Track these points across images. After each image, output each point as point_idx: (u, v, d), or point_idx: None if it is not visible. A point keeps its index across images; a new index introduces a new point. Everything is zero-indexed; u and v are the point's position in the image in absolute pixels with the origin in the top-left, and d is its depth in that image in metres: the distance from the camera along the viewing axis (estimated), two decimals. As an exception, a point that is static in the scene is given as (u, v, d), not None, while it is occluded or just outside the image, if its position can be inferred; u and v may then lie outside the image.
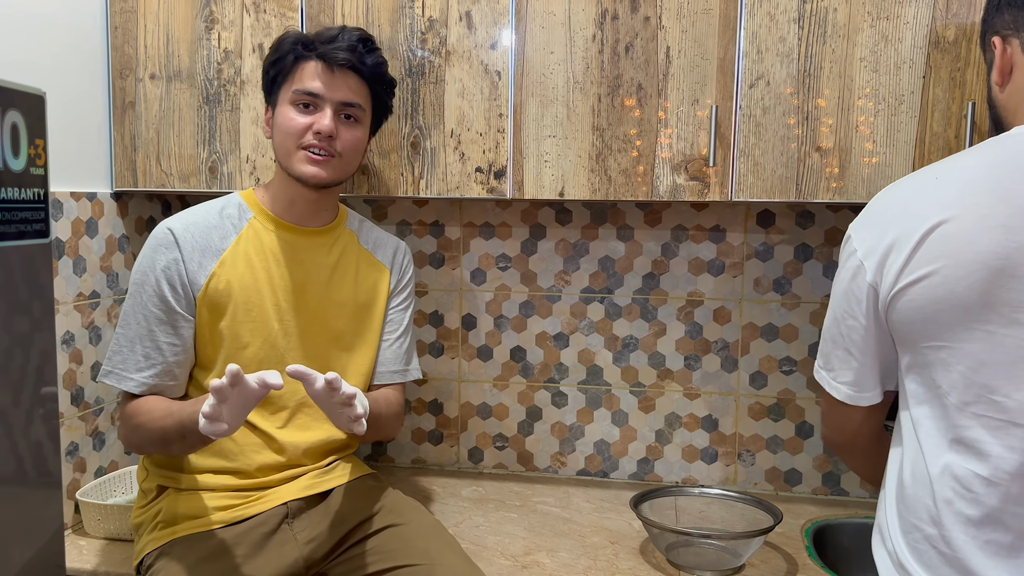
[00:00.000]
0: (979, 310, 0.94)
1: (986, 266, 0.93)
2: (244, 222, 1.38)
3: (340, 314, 1.42)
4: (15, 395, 0.84)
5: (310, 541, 1.31)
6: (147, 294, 1.30)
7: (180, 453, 1.31)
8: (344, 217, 1.49)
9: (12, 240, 0.82)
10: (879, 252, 1.02)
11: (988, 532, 0.95)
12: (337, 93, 1.34)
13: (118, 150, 1.68)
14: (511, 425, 1.92)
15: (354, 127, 1.37)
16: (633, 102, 1.50)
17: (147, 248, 1.33)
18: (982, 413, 0.95)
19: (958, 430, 0.97)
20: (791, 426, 1.80)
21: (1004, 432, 0.94)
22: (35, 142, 0.84)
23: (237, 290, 1.33)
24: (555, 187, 1.53)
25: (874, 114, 1.42)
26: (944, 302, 0.96)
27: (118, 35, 1.66)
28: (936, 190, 0.99)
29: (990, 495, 0.94)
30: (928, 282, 0.97)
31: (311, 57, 1.34)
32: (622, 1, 1.49)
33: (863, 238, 1.05)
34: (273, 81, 1.38)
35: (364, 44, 1.37)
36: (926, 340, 0.99)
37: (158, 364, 1.30)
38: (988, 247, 0.93)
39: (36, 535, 0.87)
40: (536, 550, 1.50)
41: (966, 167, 1.00)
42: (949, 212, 0.96)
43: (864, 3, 1.41)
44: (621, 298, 1.85)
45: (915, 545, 1.01)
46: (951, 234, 0.95)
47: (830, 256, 1.76)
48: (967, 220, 0.94)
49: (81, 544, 1.52)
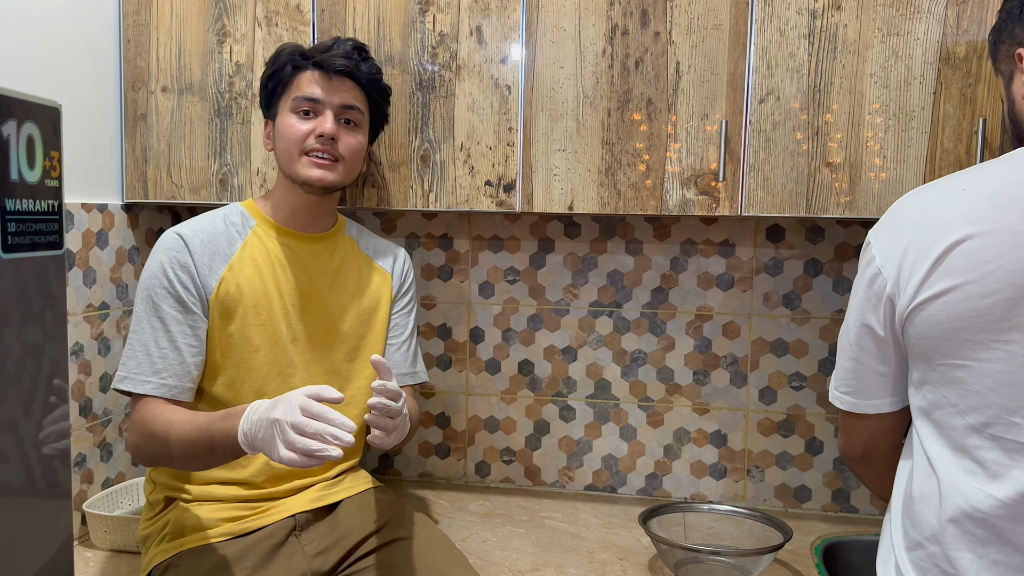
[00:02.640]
0: (1002, 329, 0.92)
1: (1012, 284, 0.90)
2: (248, 229, 1.39)
3: (345, 318, 1.42)
4: (26, 406, 0.84)
5: (318, 554, 1.31)
6: (161, 296, 1.30)
7: (197, 467, 1.27)
8: (343, 224, 1.51)
9: (26, 251, 0.82)
10: (899, 261, 0.99)
11: (995, 552, 0.94)
12: (336, 97, 1.37)
13: (129, 162, 1.69)
14: (519, 439, 1.91)
15: (354, 131, 1.40)
16: (642, 116, 1.50)
17: (157, 253, 1.33)
18: (1000, 435, 0.93)
19: (973, 450, 0.95)
20: (801, 442, 1.79)
21: (1021, 455, 0.92)
22: (50, 154, 0.84)
23: (247, 294, 1.34)
24: (564, 201, 1.53)
25: (884, 130, 1.42)
26: (965, 319, 0.93)
27: (130, 48, 1.67)
28: (963, 202, 0.96)
29: (1002, 516, 0.93)
30: (949, 297, 0.94)
31: (308, 66, 1.37)
32: (632, 17, 1.49)
33: (883, 244, 1.03)
34: (272, 93, 1.41)
35: (359, 52, 1.41)
36: (943, 357, 0.97)
37: (176, 365, 1.29)
38: (1016, 265, 0.90)
39: (46, 546, 0.87)
40: (544, 566, 1.49)
41: (996, 180, 0.96)
42: (976, 227, 0.93)
43: (874, 19, 1.41)
44: (630, 312, 1.84)
45: (918, 562, 1.00)
46: (977, 249, 0.92)
47: (840, 271, 1.75)
48: (995, 236, 0.92)
49: (88, 556, 1.51)
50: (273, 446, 1.05)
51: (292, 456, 1.03)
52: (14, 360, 0.82)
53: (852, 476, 1.77)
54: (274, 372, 1.35)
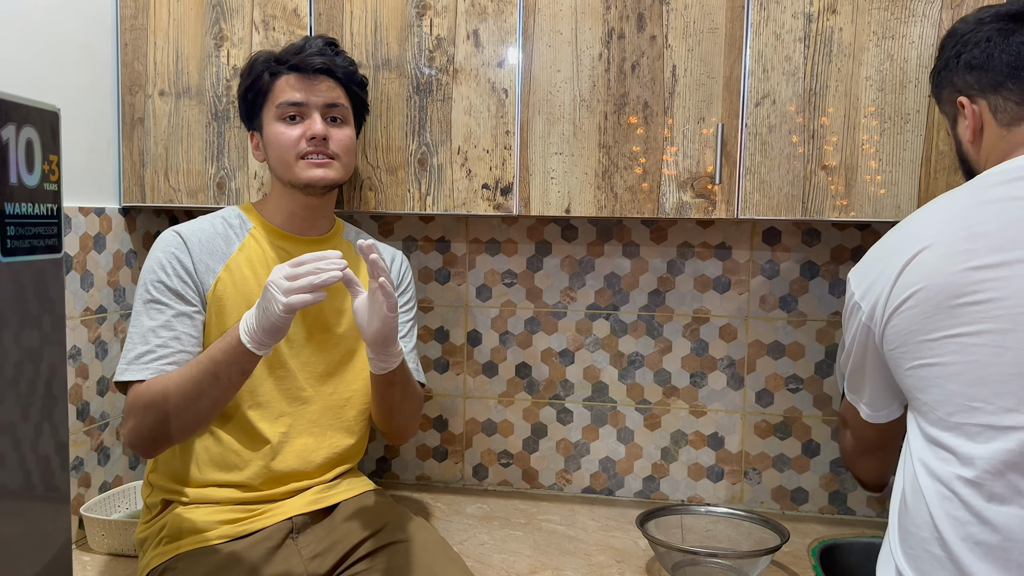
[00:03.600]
0: (950, 325, 1.01)
1: (954, 283, 1.01)
2: (245, 231, 1.40)
3: (340, 321, 1.43)
4: (24, 409, 0.84)
5: (315, 556, 1.31)
6: (160, 290, 1.30)
7: (202, 412, 1.23)
8: (340, 227, 1.51)
9: (24, 255, 0.82)
10: (870, 293, 1.11)
11: (977, 533, 0.99)
12: (319, 97, 1.38)
13: (127, 166, 1.69)
14: (516, 442, 1.91)
15: (343, 127, 1.41)
16: (639, 120, 1.51)
17: (156, 251, 1.34)
18: (963, 421, 1.01)
19: (943, 440, 1.03)
20: (797, 444, 1.80)
21: (984, 437, 0.99)
22: (49, 158, 0.84)
23: (242, 295, 1.34)
24: (561, 204, 1.54)
25: (880, 133, 1.43)
26: (919, 322, 1.04)
27: (128, 52, 1.68)
28: (913, 226, 1.10)
29: (975, 496, 0.99)
30: (907, 306, 1.05)
31: (284, 71, 1.38)
32: (628, 20, 1.50)
33: (859, 281, 1.14)
34: (252, 105, 1.42)
35: (332, 47, 1.42)
36: (909, 361, 1.07)
37: (177, 353, 1.28)
38: (955, 267, 1.01)
39: (44, 550, 0.87)
40: (541, 568, 1.49)
41: (943, 202, 1.10)
42: (925, 242, 1.05)
43: (869, 23, 1.42)
44: (627, 315, 1.85)
45: (908, 551, 1.06)
46: (924, 260, 1.04)
47: (836, 274, 1.76)
48: (938, 247, 1.03)
49: (85, 560, 1.51)
50: (273, 304, 1.12)
51: (296, 298, 1.10)
52: (12, 363, 0.82)
53: (849, 478, 1.78)
54: (267, 374, 1.35)
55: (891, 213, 1.43)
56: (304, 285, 1.11)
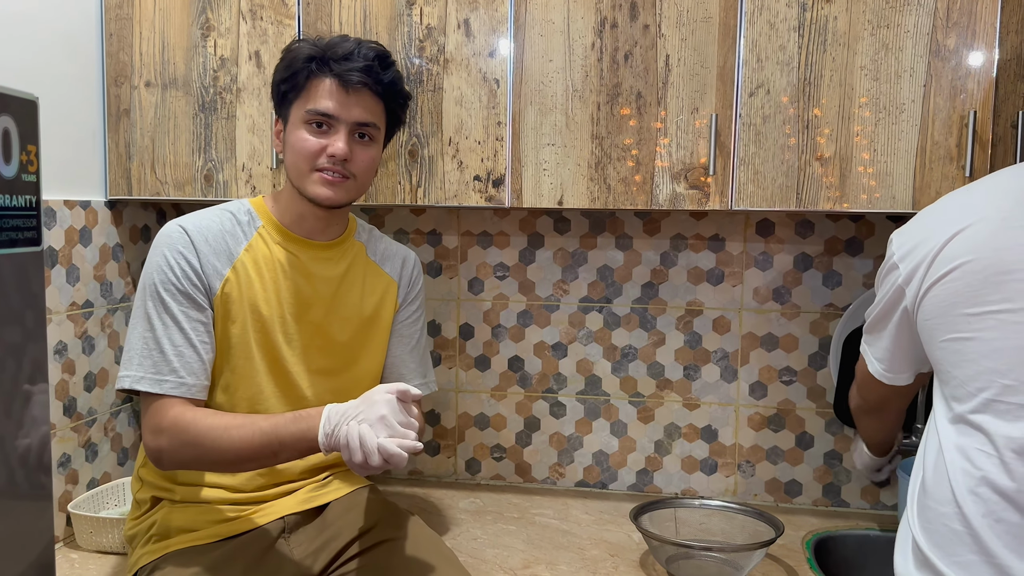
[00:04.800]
0: (992, 300, 1.01)
1: (1002, 260, 1.01)
2: (253, 230, 1.34)
3: (345, 328, 1.39)
4: (6, 406, 0.82)
5: (307, 556, 1.29)
6: (170, 292, 1.25)
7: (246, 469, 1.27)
8: (353, 229, 1.45)
9: (3, 248, 0.80)
10: (911, 256, 1.11)
11: (1000, 511, 0.99)
12: (352, 113, 1.29)
13: (112, 158, 1.67)
14: (509, 436, 1.90)
15: (368, 146, 1.33)
16: (632, 111, 1.49)
17: (162, 247, 1.27)
18: (994, 398, 1.01)
19: (972, 416, 1.03)
20: (791, 437, 1.79)
21: (1013, 415, 0.99)
22: (27, 148, 0.82)
23: (247, 298, 1.30)
24: (554, 196, 1.52)
25: (874, 123, 1.42)
26: (962, 295, 1.04)
27: (113, 42, 1.65)
28: (965, 198, 1.10)
29: (1000, 475, 0.99)
30: (949, 278, 1.04)
31: (325, 75, 1.29)
32: (621, 9, 1.48)
33: (901, 242, 1.14)
34: (284, 96, 1.33)
35: (380, 61, 1.31)
36: (944, 333, 1.06)
37: (194, 363, 1.25)
38: (1006, 243, 1.01)
39: (27, 548, 0.85)
40: (535, 563, 1.48)
41: (994, 179, 1.10)
42: (974, 216, 1.05)
43: (864, 12, 1.41)
44: (620, 307, 1.83)
45: (926, 525, 1.06)
46: (972, 235, 1.04)
47: (830, 266, 1.75)
48: (989, 222, 1.03)
49: (73, 557, 1.50)
50: (370, 443, 1.10)
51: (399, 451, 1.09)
52: (-8, 360, 0.80)
53: (843, 471, 1.77)
54: (269, 379, 1.32)
55: (885, 204, 1.42)
56: (409, 447, 1.10)
